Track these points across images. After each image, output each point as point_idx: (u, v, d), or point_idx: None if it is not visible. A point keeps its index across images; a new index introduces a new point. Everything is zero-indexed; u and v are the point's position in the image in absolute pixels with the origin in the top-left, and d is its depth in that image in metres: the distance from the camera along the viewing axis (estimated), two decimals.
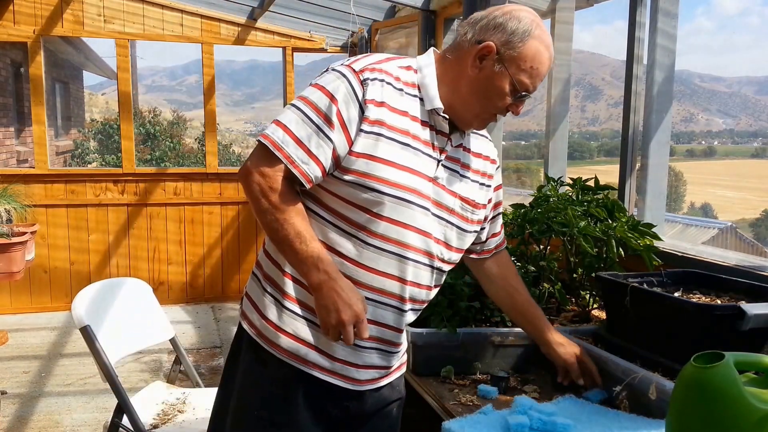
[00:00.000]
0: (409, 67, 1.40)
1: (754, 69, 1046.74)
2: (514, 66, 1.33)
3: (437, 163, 1.39)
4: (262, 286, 1.44)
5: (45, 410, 3.43)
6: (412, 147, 1.35)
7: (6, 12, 4.88)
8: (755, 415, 0.98)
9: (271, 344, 1.40)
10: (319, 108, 1.30)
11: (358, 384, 1.44)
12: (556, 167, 3.13)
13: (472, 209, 1.47)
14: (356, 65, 1.34)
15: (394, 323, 1.42)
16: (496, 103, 1.37)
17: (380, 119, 1.32)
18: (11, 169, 6.32)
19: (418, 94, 1.38)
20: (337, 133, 1.30)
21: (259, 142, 1.32)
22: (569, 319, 2.03)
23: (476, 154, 1.50)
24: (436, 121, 1.39)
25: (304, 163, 1.30)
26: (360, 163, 1.31)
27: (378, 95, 1.32)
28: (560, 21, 3.12)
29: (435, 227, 1.40)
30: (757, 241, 21.75)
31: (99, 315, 2.15)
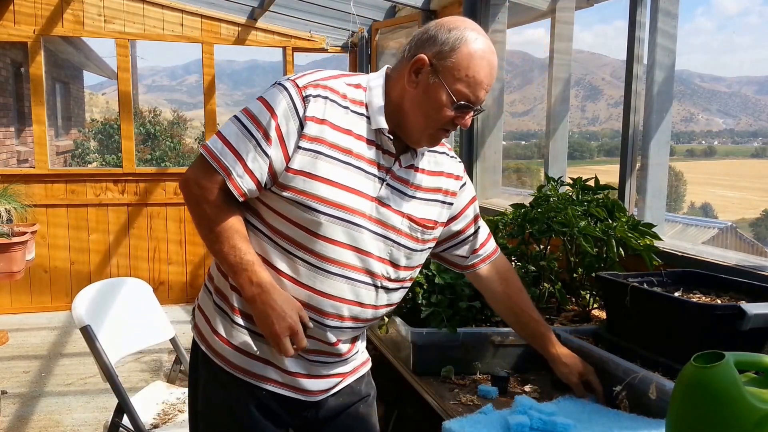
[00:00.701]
0: (359, 85, 1.38)
1: (754, 69, 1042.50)
2: (450, 76, 1.30)
3: (381, 183, 1.37)
4: (213, 300, 1.43)
5: (45, 410, 3.43)
6: (354, 166, 1.33)
7: (6, 12, 4.88)
8: (755, 415, 0.98)
9: (222, 359, 1.40)
10: (259, 122, 1.30)
11: (312, 395, 1.44)
12: (556, 167, 3.13)
13: (422, 229, 1.44)
14: (301, 81, 1.32)
15: (333, 340, 1.40)
16: (437, 117, 1.32)
17: (320, 137, 1.30)
18: (11, 169, 6.32)
19: (366, 113, 1.35)
20: (274, 149, 1.29)
21: (200, 153, 1.33)
22: (569, 318, 2.03)
23: (433, 173, 1.47)
24: (382, 141, 1.36)
25: (239, 176, 1.30)
26: (298, 180, 1.30)
27: (320, 112, 1.30)
28: (560, 21, 3.12)
29: (377, 246, 1.37)
30: (757, 241, 21.74)
31: (99, 315, 2.15)
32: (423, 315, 1.82)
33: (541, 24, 3.69)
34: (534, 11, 3.41)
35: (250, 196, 1.34)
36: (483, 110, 1.40)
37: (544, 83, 3.28)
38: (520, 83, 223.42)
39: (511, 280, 1.64)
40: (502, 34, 3.56)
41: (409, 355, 1.80)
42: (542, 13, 3.35)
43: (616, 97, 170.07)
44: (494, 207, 3.32)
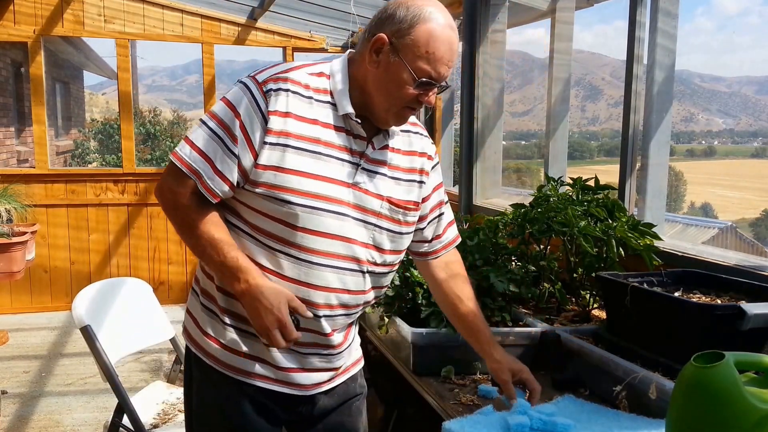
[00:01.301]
0: (321, 74, 1.37)
1: (754, 69, 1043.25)
2: (409, 54, 1.29)
3: (356, 168, 1.36)
4: (200, 302, 1.44)
5: (45, 410, 3.43)
6: (324, 154, 1.33)
7: (6, 12, 4.88)
8: (755, 415, 0.98)
9: (212, 359, 1.41)
10: (224, 122, 1.30)
11: (305, 389, 1.43)
12: (556, 167, 3.13)
13: (403, 211, 1.43)
14: (260, 76, 1.33)
15: (326, 330, 1.40)
16: (400, 95, 1.32)
17: (285, 130, 1.30)
18: (11, 168, 6.32)
19: (331, 100, 1.35)
20: (240, 147, 1.30)
21: (170, 159, 1.34)
22: (569, 318, 2.03)
23: (407, 152, 1.47)
24: (351, 126, 1.36)
25: (209, 178, 1.30)
26: (268, 175, 1.30)
27: (282, 106, 1.30)
28: (560, 21, 3.12)
29: (359, 232, 1.37)
30: (757, 241, 21.74)
31: (99, 315, 2.15)
32: (423, 315, 1.82)
33: (541, 24, 3.70)
34: (534, 11, 3.41)
35: (223, 197, 1.34)
36: (448, 86, 1.37)
37: (544, 83, 3.28)
38: (520, 83, 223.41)
39: (457, 272, 1.61)
40: (502, 34, 3.56)
41: (409, 355, 1.80)
42: (542, 13, 3.35)
43: (616, 97, 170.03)
44: (494, 207, 3.32)
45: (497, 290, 1.90)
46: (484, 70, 3.55)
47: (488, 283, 1.91)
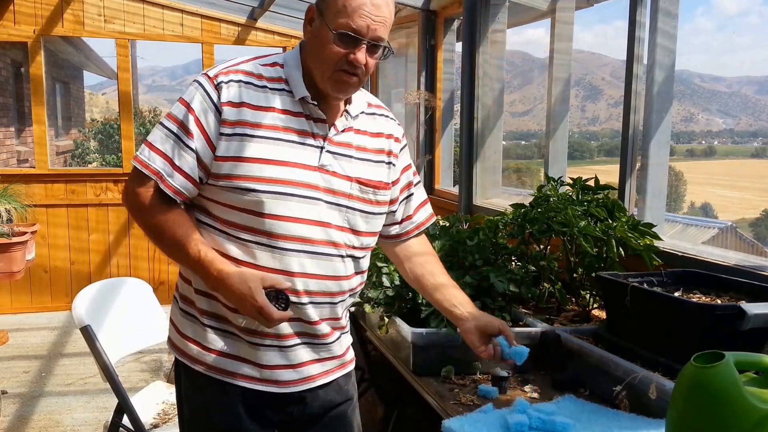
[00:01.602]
0: (275, 63, 1.39)
1: (754, 69, 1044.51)
2: (330, 13, 1.31)
3: (320, 151, 1.37)
4: (179, 307, 1.45)
5: (45, 410, 3.43)
6: (285, 140, 1.34)
7: (6, 12, 4.88)
8: (755, 415, 0.98)
9: (196, 362, 1.41)
10: (179, 120, 1.33)
11: (292, 385, 1.41)
12: (556, 167, 3.13)
13: (373, 190, 1.43)
14: (212, 71, 1.35)
15: (312, 318, 1.39)
16: (328, 57, 1.32)
17: (241, 120, 1.32)
18: (11, 168, 6.32)
19: (286, 87, 1.37)
20: (197, 141, 1.31)
21: (132, 164, 1.35)
22: (569, 318, 2.03)
23: (374, 134, 1.47)
24: (310, 110, 1.37)
25: (169, 176, 1.32)
26: (228, 166, 1.31)
27: (235, 96, 1.32)
28: (560, 21, 3.12)
29: (332, 215, 1.37)
30: (757, 241, 21.74)
31: (99, 315, 2.15)
32: (423, 315, 1.82)
33: (541, 24, 3.70)
34: (534, 11, 3.41)
35: (188, 194, 1.35)
36: (383, 46, 1.35)
37: (544, 83, 3.28)
38: (520, 83, 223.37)
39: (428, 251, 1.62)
40: (502, 34, 3.56)
41: (409, 355, 1.80)
42: (542, 13, 3.35)
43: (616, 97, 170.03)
44: (494, 207, 3.32)
45: (497, 290, 1.90)
46: (484, 70, 3.55)
47: (488, 283, 1.91)
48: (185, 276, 1.44)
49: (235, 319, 1.37)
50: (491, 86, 3.58)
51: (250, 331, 1.37)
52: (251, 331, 1.37)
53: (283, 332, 1.38)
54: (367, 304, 2.01)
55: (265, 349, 1.38)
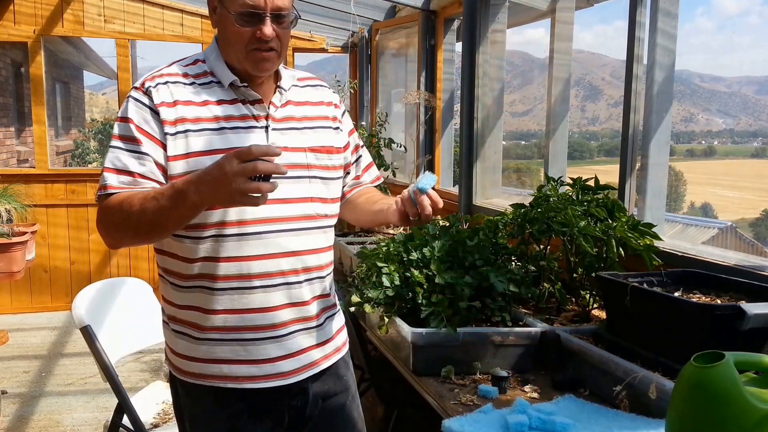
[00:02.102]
0: (197, 61, 1.43)
1: (754, 69, 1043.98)
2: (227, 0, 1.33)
3: (266, 130, 1.39)
4: (171, 329, 1.46)
5: (45, 410, 3.43)
6: (229, 128, 1.35)
7: (6, 12, 4.88)
8: (755, 415, 0.98)
9: (196, 377, 1.41)
10: (122, 135, 1.34)
11: (294, 375, 1.41)
12: (556, 167, 3.13)
13: (328, 156, 1.46)
14: (138, 82, 1.38)
15: (299, 299, 1.40)
16: (236, 39, 1.34)
17: (181, 117, 1.33)
18: (12, 168, 6.32)
19: (214, 79, 1.39)
20: (146, 146, 1.32)
21: (96, 197, 1.34)
22: (569, 318, 2.03)
23: (315, 103, 1.50)
24: (243, 94, 1.39)
25: (132, 184, 1.31)
26: (180, 164, 1.32)
27: (167, 97, 1.34)
28: (560, 21, 3.12)
29: (296, 189, 1.38)
30: (757, 241, 21.74)
31: (99, 315, 2.15)
32: (423, 315, 1.82)
33: (541, 24, 3.70)
34: (534, 11, 3.41)
35: None
36: (291, 15, 1.36)
37: (544, 83, 3.28)
38: (520, 83, 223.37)
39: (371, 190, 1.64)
40: (502, 34, 3.56)
41: (409, 355, 1.80)
42: (542, 13, 3.35)
43: (616, 97, 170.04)
44: (494, 207, 3.32)
45: (497, 290, 1.90)
46: (484, 70, 3.55)
47: (488, 283, 1.91)
48: (166, 297, 1.44)
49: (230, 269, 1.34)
50: (491, 86, 3.58)
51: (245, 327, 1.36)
52: (244, 328, 1.36)
53: (277, 321, 1.38)
54: (367, 304, 2.01)
55: (261, 343, 1.37)
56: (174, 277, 1.41)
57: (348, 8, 4.76)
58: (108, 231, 1.33)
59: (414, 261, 2.01)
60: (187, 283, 1.38)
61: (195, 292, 1.38)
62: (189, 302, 1.39)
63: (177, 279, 1.40)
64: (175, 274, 1.40)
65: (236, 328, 1.37)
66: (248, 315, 1.37)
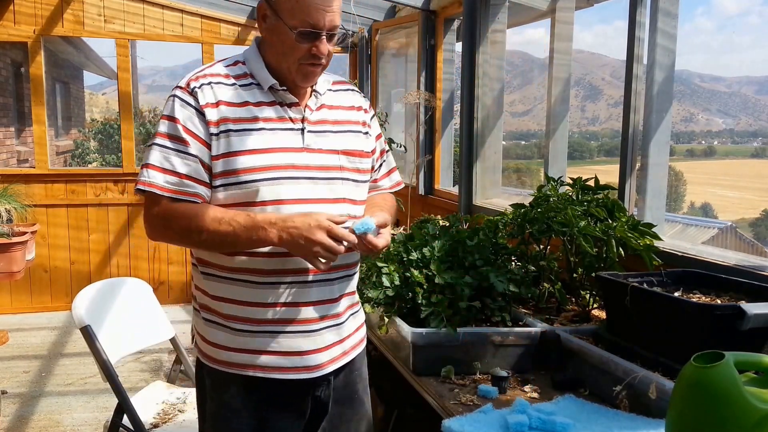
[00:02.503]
0: (236, 62, 1.46)
1: (754, 69, 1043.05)
2: (285, 12, 1.36)
3: (302, 133, 1.43)
4: (202, 317, 1.49)
5: (45, 410, 3.43)
6: (267, 129, 1.40)
7: (6, 12, 4.88)
8: (755, 415, 0.98)
9: (227, 365, 1.45)
10: (169, 134, 1.38)
11: (320, 368, 1.46)
12: (556, 167, 3.13)
13: (359, 159, 1.51)
14: (182, 82, 1.42)
15: (330, 296, 1.46)
16: (291, 53, 1.38)
17: (223, 117, 1.38)
18: (12, 168, 6.32)
19: (253, 81, 1.43)
20: (194, 147, 1.36)
21: (138, 190, 1.38)
22: (569, 318, 2.03)
23: (347, 108, 1.54)
24: (281, 97, 1.43)
25: (179, 186, 1.36)
26: (220, 164, 1.37)
27: (211, 97, 1.38)
28: (560, 21, 3.12)
29: (329, 190, 1.43)
30: (757, 241, 21.73)
31: (99, 315, 2.15)
32: (423, 315, 1.82)
33: (541, 24, 3.69)
34: (534, 11, 3.41)
35: (206, 197, 1.39)
36: (341, 33, 1.42)
37: (544, 83, 3.28)
38: (520, 83, 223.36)
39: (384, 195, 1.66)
40: (502, 34, 3.56)
41: (409, 355, 1.80)
42: (542, 13, 3.35)
43: (616, 97, 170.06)
44: (494, 207, 3.32)
45: (497, 290, 1.90)
46: (484, 70, 3.55)
47: (488, 283, 1.91)
48: (200, 287, 1.48)
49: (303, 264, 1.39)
50: (491, 86, 3.58)
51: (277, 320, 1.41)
52: (278, 321, 1.41)
53: (309, 316, 1.43)
54: (367, 304, 2.01)
55: (293, 336, 1.43)
56: (212, 267, 1.45)
57: (348, 8, 4.76)
58: (162, 233, 1.41)
59: (414, 261, 2.01)
60: (224, 275, 1.43)
61: (233, 284, 1.42)
62: (225, 294, 1.44)
63: (216, 270, 1.44)
64: (213, 266, 1.45)
65: (269, 321, 1.42)
66: (281, 309, 1.42)
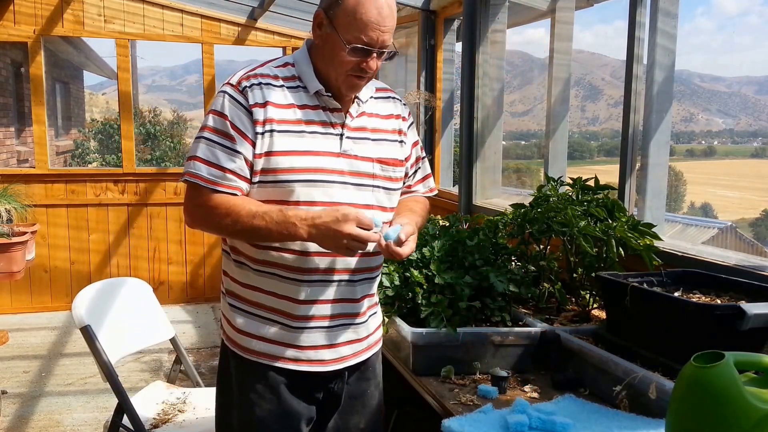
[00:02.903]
0: (286, 64, 1.50)
1: (754, 69, 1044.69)
2: (341, 25, 1.40)
3: (340, 138, 1.47)
4: (228, 302, 1.56)
5: (45, 410, 3.43)
6: (308, 132, 1.44)
7: (6, 12, 4.88)
8: (755, 415, 0.98)
9: (246, 351, 1.51)
10: (217, 129, 1.42)
11: (334, 363, 1.52)
12: (556, 167, 3.13)
13: (392, 168, 1.53)
14: (233, 79, 1.45)
15: (356, 296, 1.52)
16: (340, 64, 1.42)
17: (269, 118, 1.41)
18: (12, 169, 6.32)
19: (301, 84, 1.47)
20: (240, 144, 1.41)
21: (184, 181, 1.44)
22: (569, 318, 2.03)
23: (384, 116, 1.57)
24: (326, 102, 1.47)
25: (221, 179, 1.40)
26: (262, 162, 1.42)
27: (260, 97, 1.42)
28: (560, 21, 3.12)
29: (360, 196, 1.47)
30: (757, 241, 21.74)
31: (99, 315, 2.15)
32: (423, 315, 1.82)
33: (541, 24, 3.70)
34: (534, 11, 3.41)
35: (245, 190, 1.44)
36: (391, 52, 1.44)
37: (544, 83, 3.28)
38: (520, 83, 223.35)
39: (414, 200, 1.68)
40: (502, 34, 3.56)
41: (409, 355, 1.80)
42: (542, 13, 3.35)
43: (616, 97, 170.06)
44: (494, 207, 3.32)
45: (497, 290, 1.90)
46: (484, 70, 3.55)
47: (488, 283, 1.91)
48: (230, 274, 1.54)
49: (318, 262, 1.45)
50: (491, 86, 3.58)
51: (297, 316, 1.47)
52: (298, 317, 1.47)
53: (327, 313, 1.48)
54: None
55: (309, 332, 1.48)
56: (243, 257, 1.50)
57: None
58: (202, 223, 1.46)
59: (414, 261, 2.01)
60: (253, 266, 1.48)
61: (262, 276, 1.48)
62: (254, 283, 1.49)
63: (244, 258, 1.50)
64: (245, 255, 1.50)
65: (293, 316, 1.47)
66: (305, 306, 1.47)
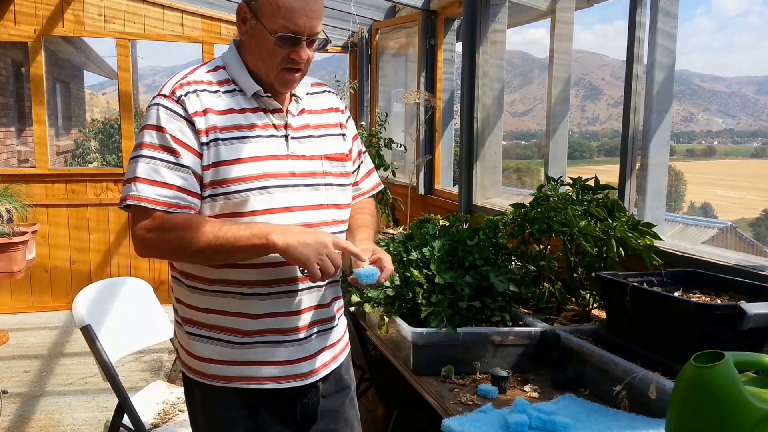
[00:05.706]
0: (217, 68, 1.42)
1: (754, 69, 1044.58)
2: (265, 15, 1.32)
3: (285, 139, 1.41)
4: (185, 331, 1.45)
5: (46, 409, 3.43)
6: (252, 137, 1.36)
7: (7, 12, 4.88)
8: (755, 415, 0.98)
9: (214, 378, 1.41)
10: (156, 144, 1.32)
11: (312, 375, 1.46)
12: (556, 167, 3.13)
13: (341, 163, 1.49)
14: (165, 89, 1.36)
15: (320, 301, 1.46)
16: (271, 57, 1.35)
17: (211, 126, 1.34)
18: (12, 168, 6.32)
19: (236, 87, 1.40)
20: (185, 158, 1.31)
21: (125, 207, 1.32)
22: (569, 318, 2.03)
23: (323, 111, 1.52)
24: (265, 103, 1.40)
25: (171, 198, 1.30)
26: (210, 174, 1.33)
27: (198, 105, 1.34)
28: (560, 21, 3.12)
29: (315, 197, 1.42)
30: (757, 241, 21.74)
31: (100, 314, 2.15)
32: (423, 315, 1.82)
33: (541, 24, 3.70)
34: (534, 11, 3.41)
35: (196, 207, 1.34)
36: (322, 40, 1.38)
37: (544, 83, 3.28)
38: (520, 83, 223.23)
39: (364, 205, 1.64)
40: (502, 34, 3.56)
41: (409, 355, 1.80)
42: (542, 13, 3.35)
43: (616, 97, 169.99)
44: (494, 207, 3.32)
45: (497, 290, 1.90)
46: (484, 70, 3.55)
47: (488, 283, 1.91)
48: (184, 301, 1.44)
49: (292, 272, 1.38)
50: (491, 86, 3.58)
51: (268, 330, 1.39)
52: (268, 331, 1.39)
53: (301, 324, 1.42)
54: (367, 304, 2.01)
55: (285, 346, 1.41)
56: (196, 281, 1.41)
57: (348, 8, 4.76)
58: (155, 248, 1.33)
59: (414, 261, 2.01)
60: (210, 287, 1.39)
61: (219, 296, 1.39)
62: (212, 305, 1.40)
63: (198, 282, 1.40)
64: (197, 278, 1.40)
65: (259, 332, 1.39)
66: (271, 318, 1.39)
